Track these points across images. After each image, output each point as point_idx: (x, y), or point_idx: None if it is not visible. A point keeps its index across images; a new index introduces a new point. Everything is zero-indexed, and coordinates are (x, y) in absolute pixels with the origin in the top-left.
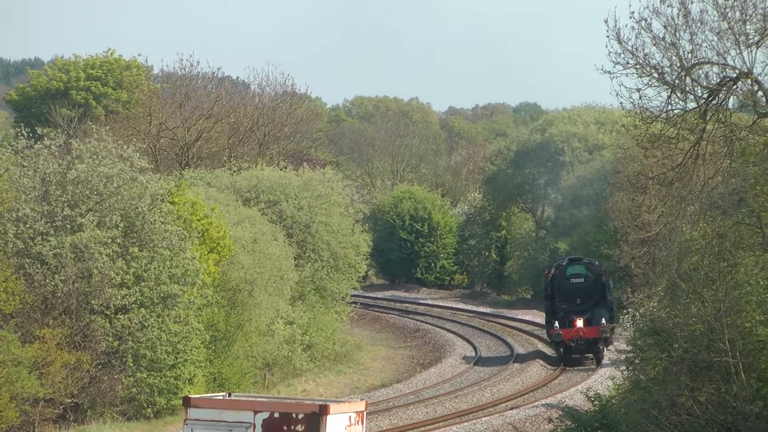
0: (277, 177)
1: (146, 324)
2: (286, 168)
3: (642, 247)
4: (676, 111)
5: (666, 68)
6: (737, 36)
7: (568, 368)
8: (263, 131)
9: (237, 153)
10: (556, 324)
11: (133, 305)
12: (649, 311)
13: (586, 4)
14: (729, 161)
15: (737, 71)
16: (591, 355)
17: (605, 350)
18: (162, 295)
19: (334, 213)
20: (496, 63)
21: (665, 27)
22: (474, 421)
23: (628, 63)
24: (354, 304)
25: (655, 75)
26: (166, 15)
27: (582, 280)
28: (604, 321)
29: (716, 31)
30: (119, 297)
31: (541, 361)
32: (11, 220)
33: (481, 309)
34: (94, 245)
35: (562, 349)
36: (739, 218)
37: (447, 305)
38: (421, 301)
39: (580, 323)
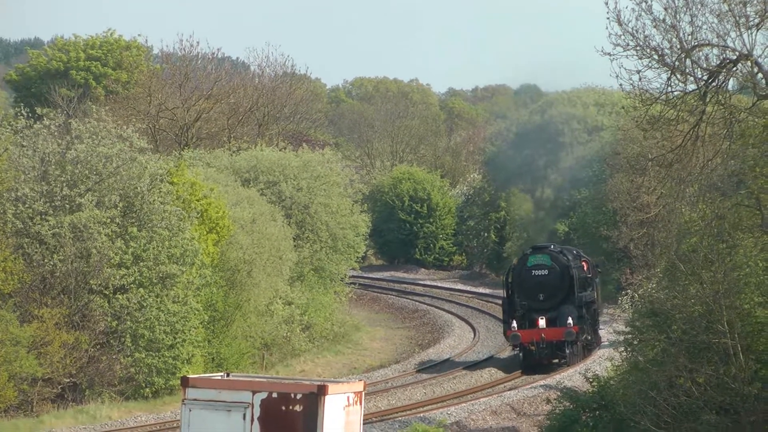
0: (276, 158)
1: (145, 304)
2: (285, 149)
3: (641, 229)
4: (675, 93)
5: (666, 50)
6: (737, 18)
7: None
8: (263, 112)
9: (236, 133)
10: (514, 324)
11: (132, 285)
12: (647, 292)
13: None
14: (728, 143)
15: (737, 53)
16: (557, 361)
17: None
18: (161, 275)
19: (333, 194)
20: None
21: (665, 9)
22: (473, 401)
23: (628, 45)
24: (353, 285)
25: (655, 57)
26: None
27: (545, 272)
28: (570, 321)
29: (716, 13)
30: (118, 277)
31: None
32: (10, 199)
33: (480, 290)
34: (93, 225)
35: (521, 354)
36: (738, 200)
37: (446, 286)
38: (420, 282)
39: (542, 323)
